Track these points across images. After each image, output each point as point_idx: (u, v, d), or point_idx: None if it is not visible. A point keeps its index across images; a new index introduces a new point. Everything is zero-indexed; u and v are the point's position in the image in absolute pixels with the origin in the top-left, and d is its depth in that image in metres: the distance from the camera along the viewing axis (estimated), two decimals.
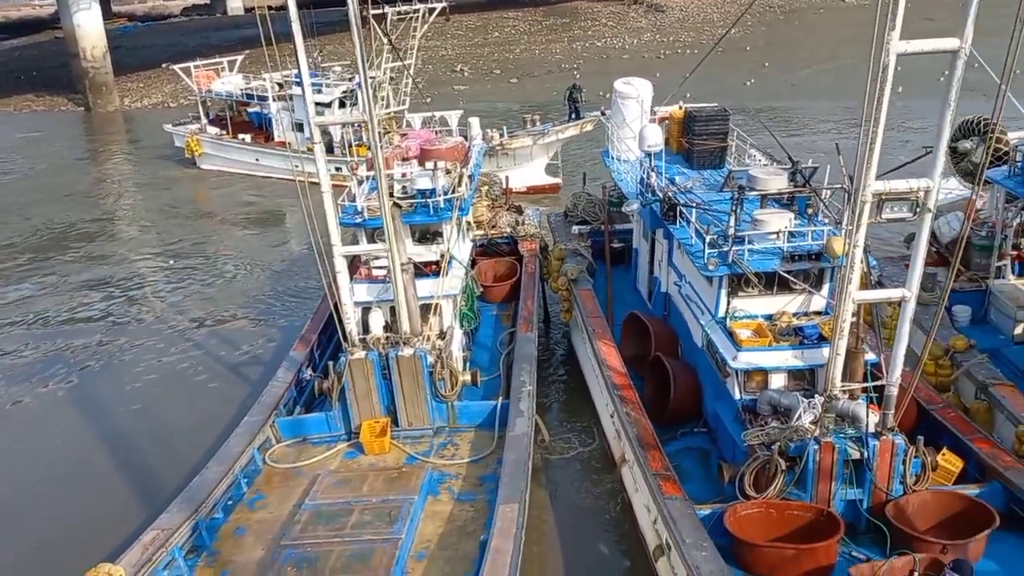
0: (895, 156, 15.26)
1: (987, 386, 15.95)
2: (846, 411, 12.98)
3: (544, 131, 35.77)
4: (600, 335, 18.23)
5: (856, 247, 11.80)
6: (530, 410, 16.07)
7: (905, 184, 11.66)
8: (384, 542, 13.19)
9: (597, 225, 23.16)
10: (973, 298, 18.96)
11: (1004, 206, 18.51)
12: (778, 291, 15.35)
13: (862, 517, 13.13)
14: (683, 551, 12.03)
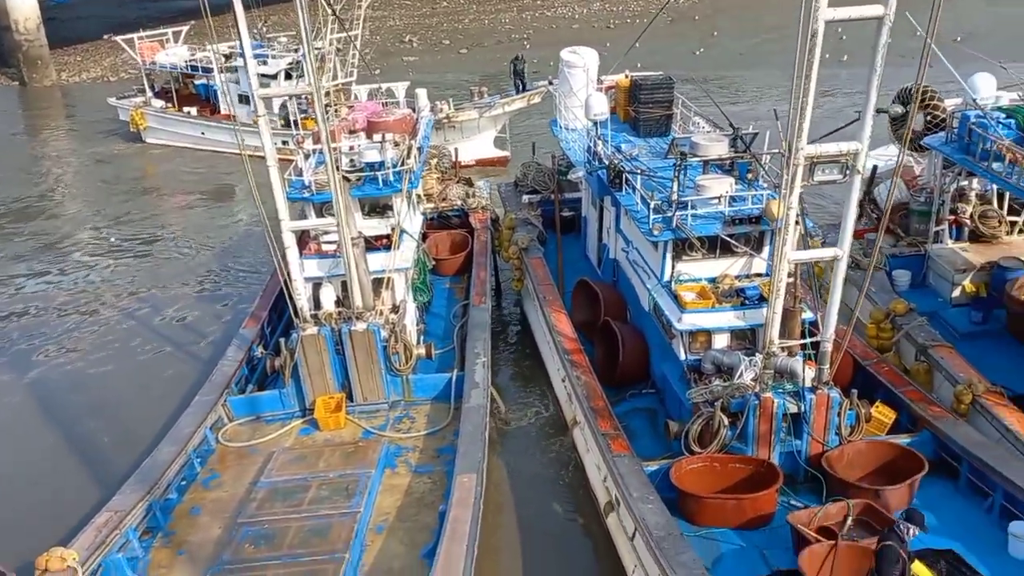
0: (838, 122, 15.52)
1: (926, 348, 16.47)
2: (784, 367, 13.54)
3: (491, 104, 35.47)
4: (551, 302, 18.55)
5: (790, 209, 12.18)
6: (485, 381, 16.17)
7: (835, 147, 12.13)
8: (342, 516, 13.26)
9: (547, 194, 23.35)
10: (913, 263, 19.48)
11: (941, 172, 18.94)
12: (721, 254, 15.80)
13: (800, 467, 13.74)
14: (631, 505, 12.51)
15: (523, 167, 25.13)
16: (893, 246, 20.11)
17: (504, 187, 25.54)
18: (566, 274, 20.52)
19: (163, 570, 12.71)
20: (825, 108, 32.18)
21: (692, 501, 12.96)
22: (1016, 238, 19.08)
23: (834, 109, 33.38)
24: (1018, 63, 20.02)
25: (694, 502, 12.94)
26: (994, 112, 17.26)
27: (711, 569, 11.59)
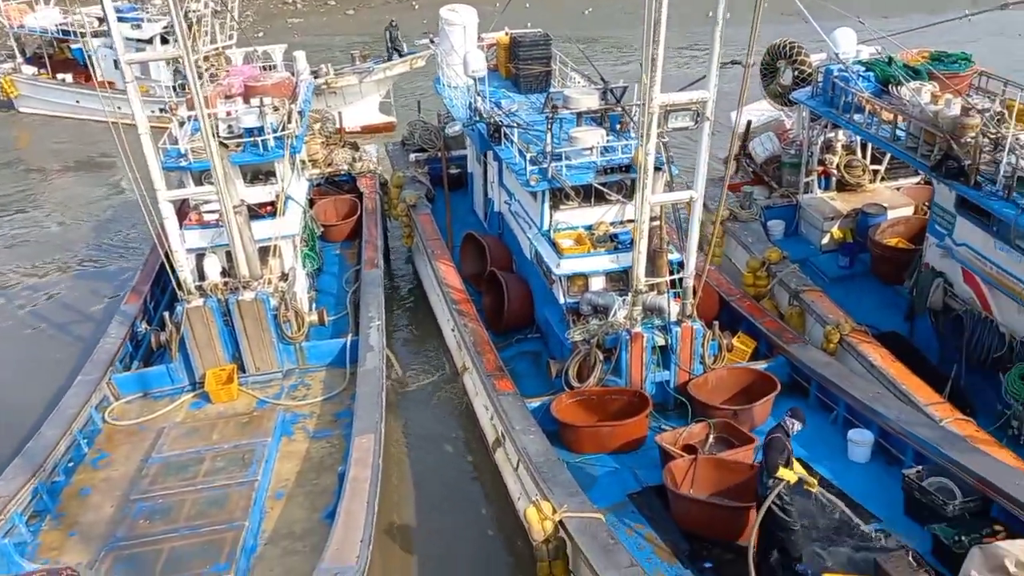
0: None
1: (798, 292, 17.65)
2: (653, 304, 14.75)
3: (370, 69, 35.03)
4: (439, 256, 19.35)
5: (648, 155, 13.24)
6: (380, 344, 16.41)
7: (686, 96, 13.34)
8: (239, 485, 13.38)
9: (434, 152, 23.85)
10: (786, 212, 20.71)
11: (809, 125, 20.08)
12: (595, 203, 16.73)
13: (669, 395, 15.14)
14: (514, 438, 13.50)
15: (409, 126, 25.53)
16: (768, 197, 21.29)
17: (392, 146, 25.90)
18: (455, 229, 21.16)
19: (54, 552, 12.52)
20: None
21: (570, 431, 14.11)
22: (878, 186, 20.53)
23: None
24: (875, 17, 21.28)
25: (572, 432, 14.10)
26: (855, 66, 18.39)
27: (588, 489, 12.60)
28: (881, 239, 18.15)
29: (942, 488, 11.93)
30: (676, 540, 12.08)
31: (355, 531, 11.67)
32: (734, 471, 12.47)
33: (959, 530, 11.24)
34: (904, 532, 11.88)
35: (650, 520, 12.51)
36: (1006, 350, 14.37)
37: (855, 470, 13.42)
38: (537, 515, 11.55)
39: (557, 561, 11.68)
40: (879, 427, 13.62)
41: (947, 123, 15.25)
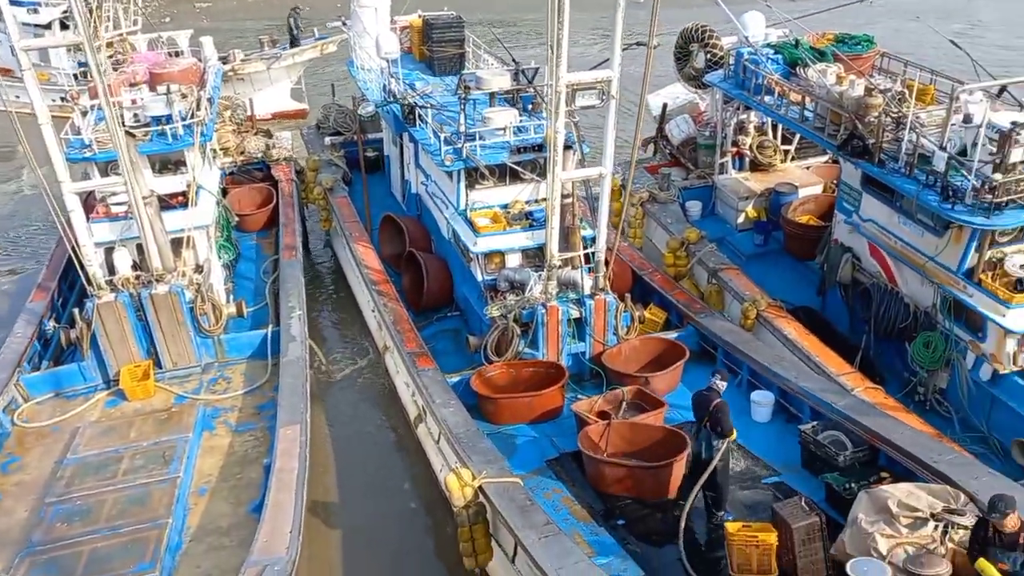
0: (630, 59, 16.84)
1: (716, 271, 18.31)
2: (567, 279, 15.44)
3: (277, 55, 34.38)
4: (357, 238, 19.63)
5: (558, 133, 13.74)
6: (302, 334, 16.36)
7: (592, 75, 13.97)
8: (161, 483, 13.20)
9: (350, 135, 23.98)
10: (703, 193, 21.35)
11: (722, 107, 20.72)
12: (510, 182, 17.17)
13: (585, 366, 15.77)
14: (434, 411, 13.96)
15: (323, 109, 25.58)
16: (685, 179, 21.92)
17: (307, 130, 25.86)
18: (373, 212, 21.38)
19: None
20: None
21: (490, 403, 14.68)
22: (789, 165, 21.36)
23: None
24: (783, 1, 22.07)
25: (491, 404, 14.68)
26: (764, 49, 19.07)
27: (508, 458, 13.19)
28: (793, 217, 18.91)
29: (835, 441, 12.86)
30: (591, 501, 12.80)
31: (284, 522, 11.70)
32: (646, 433, 13.32)
33: (850, 478, 12.20)
34: (801, 482, 12.79)
35: (567, 483, 13.20)
36: (911, 320, 15.17)
37: (758, 429, 14.32)
38: (457, 482, 12.01)
39: (478, 525, 12.23)
40: (779, 388, 14.57)
41: (851, 103, 16.02)
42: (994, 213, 13.48)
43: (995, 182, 13.32)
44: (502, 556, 12.33)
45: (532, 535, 10.85)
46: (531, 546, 10.73)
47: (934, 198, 14.15)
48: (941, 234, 14.47)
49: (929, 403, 14.87)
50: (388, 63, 20.02)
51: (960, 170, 13.93)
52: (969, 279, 14.17)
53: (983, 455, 13.41)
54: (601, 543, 11.92)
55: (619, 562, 11.50)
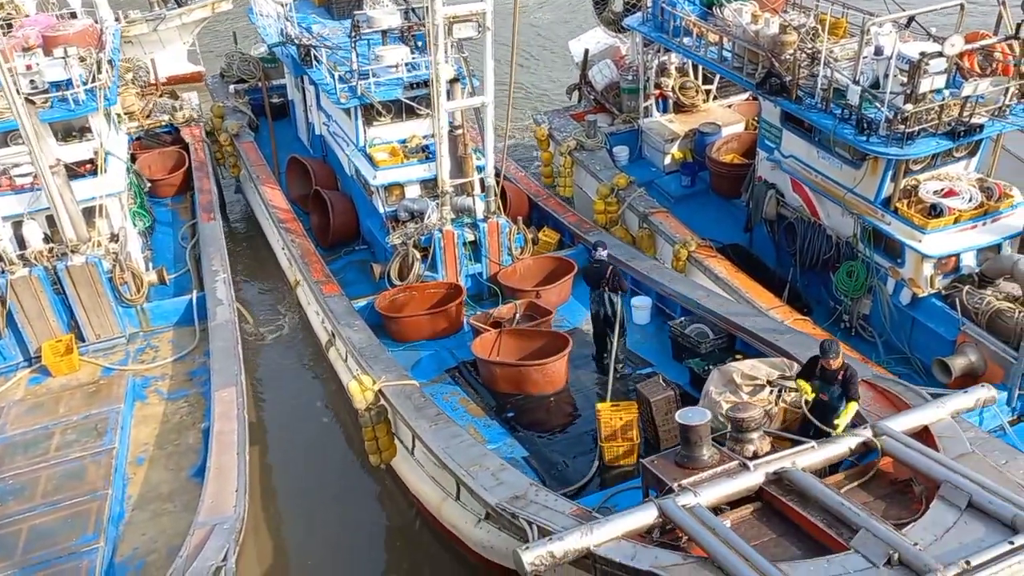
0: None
1: (647, 215, 19.18)
2: (461, 205, 17.15)
3: (162, 15, 33.60)
4: (264, 180, 21.24)
5: (439, 65, 15.15)
6: (229, 297, 16.71)
7: (466, 8, 15.29)
8: (96, 456, 13.47)
9: (254, 82, 25.06)
10: (629, 138, 22.10)
11: (643, 51, 21.45)
12: (407, 117, 18.74)
13: (484, 285, 17.64)
14: (340, 332, 15.47)
15: (227, 57, 26.55)
16: (611, 124, 22.66)
17: (211, 79, 26.97)
18: (281, 157, 22.75)
19: None
20: None
21: (393, 322, 16.38)
22: (711, 105, 22.26)
23: None
24: None
25: (394, 323, 16.38)
26: None
27: (411, 369, 14.85)
28: (717, 156, 19.80)
29: (700, 332, 14.83)
30: (485, 398, 14.66)
31: (228, 483, 12.17)
32: (534, 338, 15.29)
33: (708, 361, 14.11)
34: (670, 371, 14.73)
35: (464, 387, 15.04)
36: (834, 251, 16.27)
37: (639, 329, 16.33)
38: (359, 387, 13.47)
39: (380, 425, 13.78)
40: (656, 293, 16.53)
41: (767, 41, 16.87)
42: (907, 143, 14.50)
43: (907, 113, 14.32)
44: (403, 451, 14.02)
45: (424, 424, 12.47)
46: (424, 433, 12.32)
47: (850, 131, 15.09)
48: (858, 166, 15.52)
49: (854, 329, 16.07)
50: (284, 7, 21.17)
51: (873, 103, 14.93)
52: (886, 208, 15.27)
53: (907, 375, 14.61)
54: (492, 432, 13.74)
55: (507, 446, 13.38)
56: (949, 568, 7.79)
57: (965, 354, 14.07)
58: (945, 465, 9.23)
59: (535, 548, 9.02)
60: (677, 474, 9.85)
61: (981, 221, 14.84)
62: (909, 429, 10.27)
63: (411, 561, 14.27)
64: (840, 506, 8.88)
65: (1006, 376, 13.63)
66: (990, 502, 8.52)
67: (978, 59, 15.04)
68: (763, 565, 8.13)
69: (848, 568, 8.10)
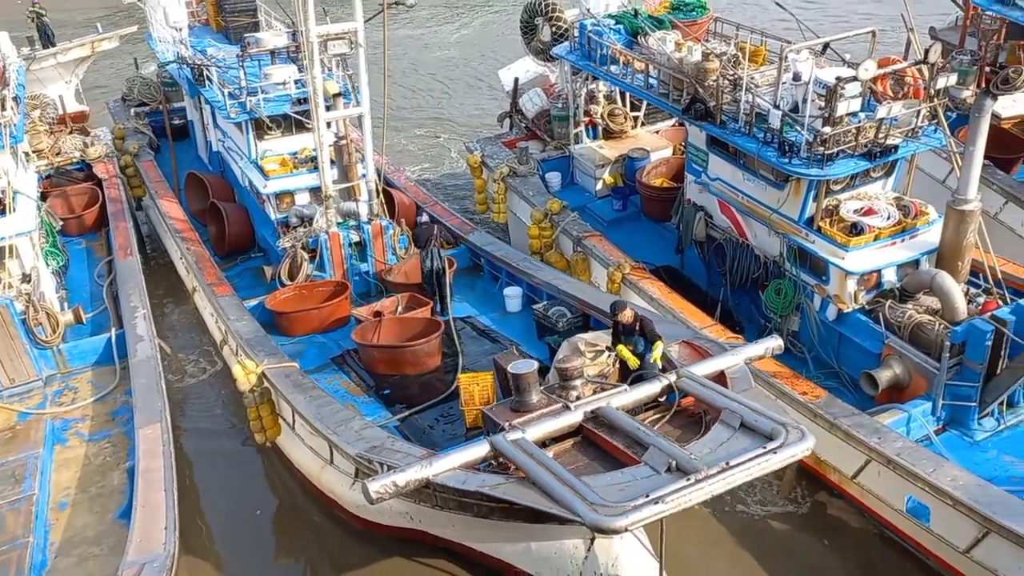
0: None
1: (580, 239, 20.00)
2: (346, 209, 19.07)
3: (32, 56, 33.02)
4: (163, 195, 23.07)
5: (315, 79, 17.09)
6: (150, 332, 16.90)
7: (338, 27, 17.49)
8: (15, 503, 13.44)
9: (155, 105, 27.03)
10: (561, 164, 23.07)
11: (572, 78, 22.44)
12: (297, 131, 20.74)
13: (371, 282, 19.35)
14: (230, 327, 16.99)
15: (127, 82, 28.26)
16: (543, 151, 23.57)
17: (112, 103, 28.52)
18: (182, 176, 24.33)
19: None
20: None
21: (283, 318, 17.95)
22: (640, 131, 23.37)
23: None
24: None
25: (284, 318, 17.94)
26: (606, 20, 20.88)
27: (298, 358, 16.26)
28: (647, 180, 20.81)
29: (559, 313, 16.77)
30: (365, 379, 16.49)
31: (157, 521, 12.28)
32: (411, 325, 17.17)
33: (563, 337, 15.62)
34: (533, 349, 16.35)
35: (347, 372, 16.85)
36: (762, 270, 17.24)
37: (511, 317, 18.44)
38: (242, 370, 15.14)
39: (264, 405, 15.46)
40: (528, 283, 18.45)
41: (691, 69, 17.92)
42: (827, 164, 15.54)
43: (825, 135, 15.40)
44: (287, 428, 15.65)
45: (301, 398, 14.29)
46: (300, 406, 14.11)
47: (773, 154, 16.10)
48: (782, 187, 16.56)
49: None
50: (178, 30, 23.16)
51: (794, 126, 16.01)
52: (810, 227, 16.29)
53: (836, 389, 15.62)
54: (369, 407, 15.58)
55: (381, 418, 15.09)
56: (712, 468, 9.83)
57: (890, 366, 15.08)
58: (727, 396, 11.28)
59: (380, 479, 10.59)
60: (510, 417, 11.56)
61: (900, 238, 15.97)
62: (709, 374, 12.32)
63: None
64: (636, 430, 10.81)
65: (929, 386, 14.69)
66: (756, 420, 10.58)
67: (890, 83, 16.27)
68: (568, 478, 9.97)
69: (637, 476, 10.07)
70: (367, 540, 14.82)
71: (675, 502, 9.60)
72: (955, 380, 14.45)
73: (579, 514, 9.58)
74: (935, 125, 16.01)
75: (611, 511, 9.42)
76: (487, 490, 10.54)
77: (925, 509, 13.11)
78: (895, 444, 13.53)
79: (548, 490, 9.98)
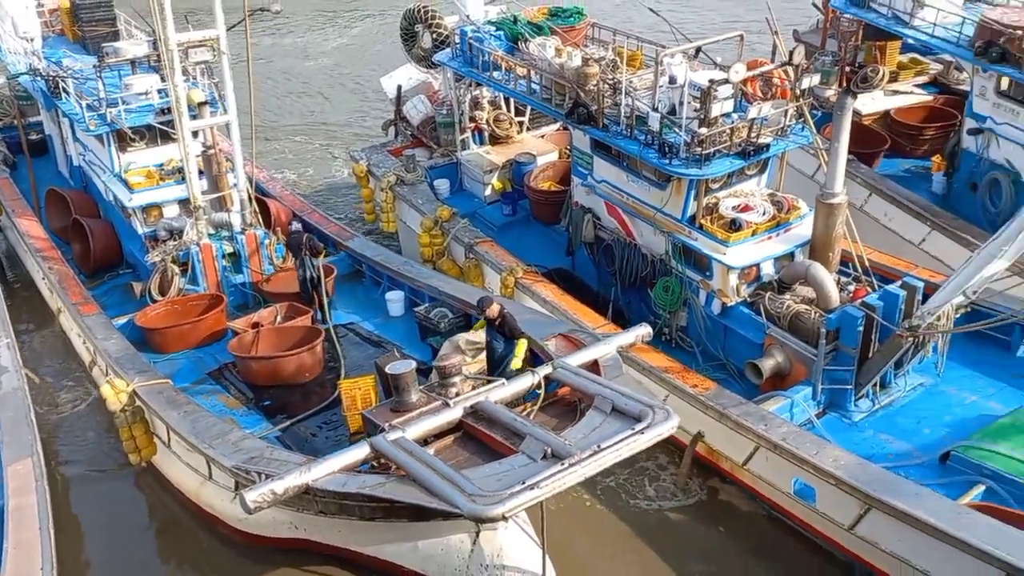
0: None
1: (472, 245, 20.23)
2: (218, 220, 18.90)
3: None
4: (20, 213, 22.50)
5: (177, 87, 17.14)
6: (15, 362, 16.38)
7: (199, 35, 17.82)
8: None
9: (10, 120, 26.44)
10: (449, 171, 23.20)
11: (455, 85, 22.65)
12: (163, 141, 20.37)
13: (248, 294, 19.31)
14: (98, 346, 16.78)
15: None
16: (430, 158, 23.72)
17: None
18: (42, 192, 23.76)
19: None
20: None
21: (155, 334, 17.74)
22: (525, 136, 23.77)
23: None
24: None
25: (157, 335, 17.74)
26: (486, 26, 21.18)
27: (174, 375, 16.31)
28: (535, 185, 21.19)
29: (441, 315, 17.18)
30: (244, 392, 16.51)
31: (32, 560, 11.77)
32: (290, 334, 17.22)
33: (447, 338, 15.56)
34: (416, 351, 16.66)
35: (225, 386, 16.76)
36: (650, 269, 17.83)
37: (394, 321, 18.71)
38: (111, 390, 14.91)
39: (136, 424, 15.37)
40: (409, 287, 18.74)
41: (572, 74, 18.37)
42: (705, 164, 16.19)
43: (702, 136, 16.02)
44: (162, 447, 15.55)
45: (175, 414, 14.21)
46: (174, 422, 14.05)
47: (654, 155, 16.67)
48: (664, 187, 17.15)
49: (675, 341, 17.64)
50: (30, 41, 22.57)
51: (672, 128, 16.61)
52: (692, 225, 16.92)
53: (724, 380, 16.28)
54: (249, 420, 15.58)
55: (261, 429, 15.23)
56: (584, 451, 10.40)
57: (772, 355, 15.83)
58: (599, 383, 11.96)
59: (257, 488, 10.70)
60: (390, 417, 11.89)
61: (775, 232, 16.75)
62: (584, 363, 12.99)
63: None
64: (513, 422, 11.28)
65: (809, 372, 15.50)
66: (626, 404, 11.29)
67: (760, 84, 17.07)
68: (447, 472, 10.38)
69: (515, 465, 10.52)
70: (253, 555, 14.73)
71: (550, 486, 10.08)
72: (832, 365, 15.24)
73: (458, 506, 9.95)
74: (802, 123, 16.86)
75: (489, 500, 9.81)
76: (368, 491, 10.81)
77: (811, 490, 13.78)
78: (780, 430, 14.22)
79: (428, 485, 10.32)
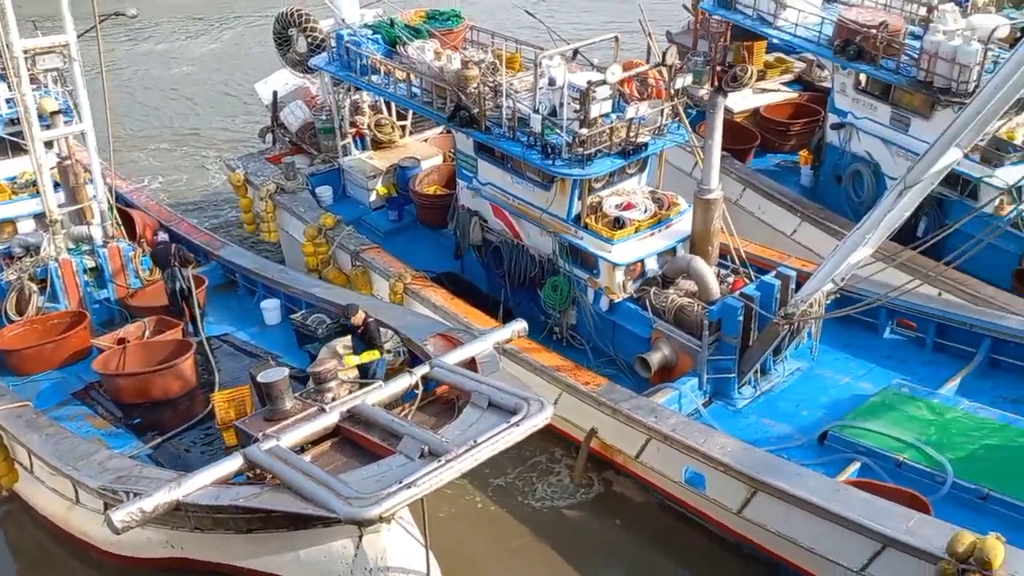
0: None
1: (358, 252, 20.25)
2: (78, 234, 18.40)
3: None
4: None
5: (25, 95, 16.60)
6: None
7: (48, 40, 17.83)
8: None
9: None
10: (331, 177, 23.15)
11: (333, 90, 22.53)
12: (14, 154, 20.37)
13: (114, 310, 18.74)
14: None
15: None
16: (311, 165, 23.52)
17: None
18: None
19: None
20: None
21: (13, 356, 17.07)
22: (408, 140, 23.87)
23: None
24: None
25: (15, 356, 17.08)
26: (363, 30, 21.14)
27: (35, 398, 15.82)
28: (420, 189, 21.35)
29: (319, 321, 17.15)
30: (112, 411, 16.02)
31: None
32: (159, 349, 16.79)
33: (325, 344, 16.28)
34: (294, 359, 16.68)
35: (91, 406, 16.26)
36: (538, 269, 18.27)
37: (270, 330, 18.45)
38: None
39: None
40: (284, 294, 18.53)
41: (452, 76, 18.59)
42: (587, 164, 16.68)
43: (583, 136, 16.48)
44: (24, 473, 15.13)
45: (36, 437, 13.78)
46: (36, 446, 13.65)
47: (536, 156, 17.06)
48: (548, 188, 17.59)
49: (566, 340, 18.15)
50: None
51: (553, 129, 16.99)
52: (578, 224, 17.43)
53: (615, 376, 16.88)
54: (118, 440, 15.05)
55: (132, 448, 14.79)
56: (461, 447, 10.65)
57: (659, 348, 16.53)
58: (475, 380, 12.22)
59: (124, 507, 10.48)
60: (264, 427, 11.80)
61: (657, 229, 17.45)
62: (462, 361, 13.13)
63: None
64: (391, 423, 11.44)
65: (695, 363, 16.24)
66: (502, 398, 11.58)
67: (636, 85, 17.68)
68: (323, 477, 10.45)
69: (392, 466, 10.67)
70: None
71: (427, 484, 10.26)
72: (715, 355, 16.02)
73: (334, 510, 10.02)
74: (678, 122, 17.58)
75: (366, 502, 9.92)
76: (242, 502, 10.74)
77: (700, 477, 14.53)
78: (670, 421, 14.89)
79: (303, 492, 10.35)
